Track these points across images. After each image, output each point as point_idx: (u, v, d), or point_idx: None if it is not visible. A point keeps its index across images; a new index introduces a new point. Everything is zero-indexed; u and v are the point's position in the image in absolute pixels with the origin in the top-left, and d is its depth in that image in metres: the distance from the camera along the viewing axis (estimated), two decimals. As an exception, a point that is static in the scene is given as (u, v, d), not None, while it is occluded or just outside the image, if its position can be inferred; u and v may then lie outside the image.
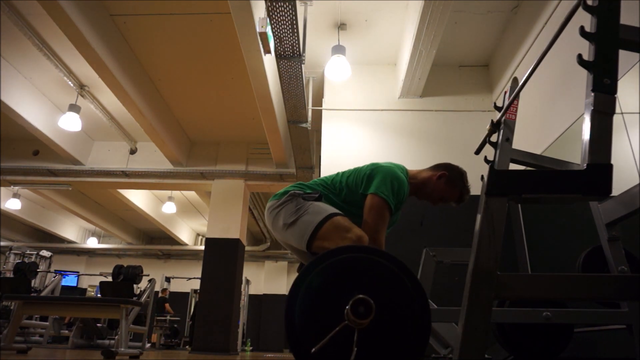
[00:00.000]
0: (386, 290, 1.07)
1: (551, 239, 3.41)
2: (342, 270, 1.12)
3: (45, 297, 5.42)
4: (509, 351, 2.14)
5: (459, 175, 1.84)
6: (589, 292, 1.08)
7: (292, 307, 1.09)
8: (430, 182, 1.82)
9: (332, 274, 1.12)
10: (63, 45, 4.76)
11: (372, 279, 1.10)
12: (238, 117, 6.32)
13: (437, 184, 1.81)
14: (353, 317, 1.00)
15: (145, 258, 12.73)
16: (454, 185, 1.82)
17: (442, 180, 1.81)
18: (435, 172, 1.84)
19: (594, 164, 1.05)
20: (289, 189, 1.72)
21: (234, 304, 6.17)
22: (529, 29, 3.96)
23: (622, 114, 2.55)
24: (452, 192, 1.82)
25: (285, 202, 1.67)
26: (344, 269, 1.12)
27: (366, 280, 1.09)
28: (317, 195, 1.66)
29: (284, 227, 1.64)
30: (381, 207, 1.61)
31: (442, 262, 2.24)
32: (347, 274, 1.11)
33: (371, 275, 1.10)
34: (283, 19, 3.31)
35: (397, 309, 1.07)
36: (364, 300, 1.01)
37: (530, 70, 1.55)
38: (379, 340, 1.04)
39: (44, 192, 8.27)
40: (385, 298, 1.06)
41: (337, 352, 1.03)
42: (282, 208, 1.67)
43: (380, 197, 1.61)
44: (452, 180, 1.82)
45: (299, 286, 1.11)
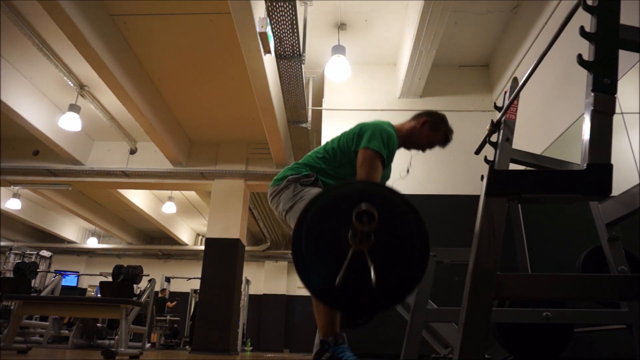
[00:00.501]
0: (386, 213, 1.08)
1: (551, 239, 3.42)
2: (346, 197, 1.15)
3: (45, 297, 5.42)
4: (509, 351, 2.14)
5: (440, 119, 1.95)
6: (589, 292, 1.08)
7: (299, 240, 1.11)
8: (415, 130, 1.92)
9: (334, 203, 1.15)
10: (63, 45, 4.76)
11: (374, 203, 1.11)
12: (238, 117, 6.32)
13: (422, 131, 1.92)
14: (357, 224, 1.00)
15: (145, 258, 12.73)
16: (438, 128, 1.93)
17: (426, 126, 1.92)
18: (418, 120, 1.94)
19: (594, 164, 1.05)
20: (287, 174, 1.79)
21: (234, 304, 6.17)
22: (529, 29, 3.96)
23: (622, 114, 2.55)
24: (437, 135, 1.93)
25: (283, 189, 1.76)
26: (348, 195, 1.14)
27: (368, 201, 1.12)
28: (312, 179, 1.74)
29: (283, 212, 1.75)
30: (372, 158, 1.68)
31: (442, 262, 2.24)
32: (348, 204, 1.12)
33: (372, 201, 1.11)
34: (283, 19, 3.31)
35: (397, 230, 1.09)
36: (366, 211, 1.01)
37: (530, 70, 1.55)
38: (381, 264, 1.06)
39: (44, 192, 8.27)
40: (386, 222, 1.07)
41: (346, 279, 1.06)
42: (282, 194, 1.76)
43: (371, 150, 1.68)
44: (435, 124, 1.93)
45: (306, 213, 1.14)
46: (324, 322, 1.47)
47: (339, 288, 1.05)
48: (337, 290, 1.06)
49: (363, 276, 1.04)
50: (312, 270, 1.09)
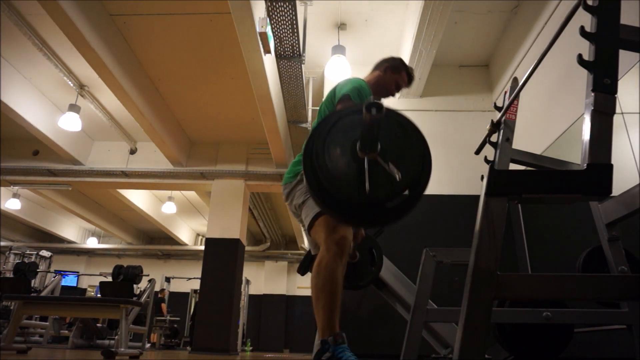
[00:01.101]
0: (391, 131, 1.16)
1: (551, 239, 3.42)
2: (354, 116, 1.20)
3: (45, 297, 5.42)
4: (509, 351, 2.14)
5: (398, 61, 2.07)
6: (589, 292, 1.08)
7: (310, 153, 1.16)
8: (380, 78, 2.04)
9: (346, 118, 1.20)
10: (63, 45, 4.76)
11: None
12: (238, 117, 6.32)
13: (386, 77, 2.04)
14: (366, 114, 1.04)
15: (145, 258, 12.73)
16: (399, 70, 2.05)
17: (389, 71, 2.04)
18: (379, 68, 2.06)
19: (594, 164, 1.05)
20: (297, 169, 1.82)
21: (234, 304, 6.17)
22: (529, 29, 3.96)
23: (622, 114, 2.55)
24: (401, 76, 2.05)
25: (298, 183, 1.80)
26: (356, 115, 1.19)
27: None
28: None
29: (298, 208, 1.77)
30: (347, 101, 1.73)
31: (442, 262, 2.24)
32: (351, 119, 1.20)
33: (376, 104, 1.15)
34: (283, 19, 3.31)
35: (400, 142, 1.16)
36: (374, 102, 1.06)
37: (530, 70, 1.55)
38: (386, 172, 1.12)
39: (44, 192, 8.27)
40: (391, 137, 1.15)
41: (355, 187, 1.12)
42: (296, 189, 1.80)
43: (343, 95, 1.74)
44: (396, 67, 2.05)
45: (318, 129, 1.19)
46: (323, 321, 1.46)
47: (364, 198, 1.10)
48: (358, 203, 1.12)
49: (377, 183, 1.11)
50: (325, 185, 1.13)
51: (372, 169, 1.11)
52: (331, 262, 1.51)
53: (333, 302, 1.47)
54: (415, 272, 2.24)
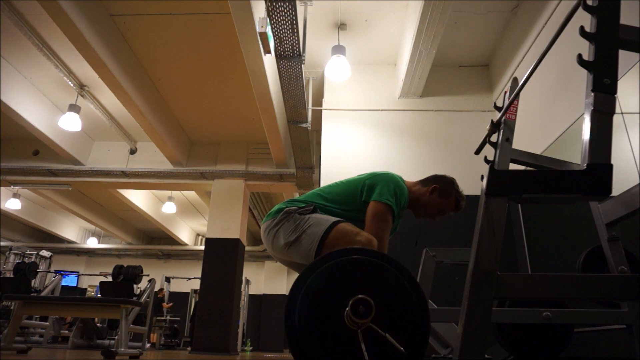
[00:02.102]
0: (386, 291, 1.07)
1: (551, 239, 3.42)
2: (342, 272, 1.11)
3: (45, 297, 5.42)
4: (509, 351, 2.14)
5: (450, 184, 1.85)
6: (589, 292, 1.08)
7: (292, 308, 1.08)
8: (424, 197, 1.82)
9: (331, 275, 1.11)
10: (63, 45, 4.76)
11: (371, 281, 1.09)
12: (238, 117, 6.32)
13: (431, 199, 1.82)
14: (353, 318, 0.99)
15: (145, 258, 12.73)
16: (449, 195, 1.83)
17: (436, 193, 1.82)
18: (427, 186, 1.85)
19: (594, 164, 1.05)
20: (282, 207, 1.69)
21: (234, 304, 6.17)
22: (529, 29, 3.96)
23: (622, 114, 2.55)
24: (448, 202, 1.84)
25: (281, 221, 1.64)
26: (344, 271, 1.12)
27: (366, 282, 1.09)
28: (311, 208, 1.64)
29: (285, 247, 1.60)
30: (385, 212, 1.61)
31: (442, 262, 2.24)
32: (347, 276, 1.11)
33: (370, 277, 1.10)
34: (283, 19, 3.31)
35: (397, 310, 1.06)
36: (363, 300, 1.01)
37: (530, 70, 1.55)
38: (379, 342, 1.03)
39: (44, 192, 8.27)
40: (385, 299, 1.06)
41: (338, 356, 1.03)
42: (280, 227, 1.63)
43: (383, 203, 1.61)
44: (445, 191, 1.83)
45: (299, 287, 1.11)
46: None
47: None
48: None
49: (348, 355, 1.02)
50: (301, 334, 1.05)
51: (361, 337, 1.02)
52: None
53: None
54: (415, 272, 2.24)
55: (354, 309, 0.99)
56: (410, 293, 1.08)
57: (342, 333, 1.03)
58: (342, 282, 1.10)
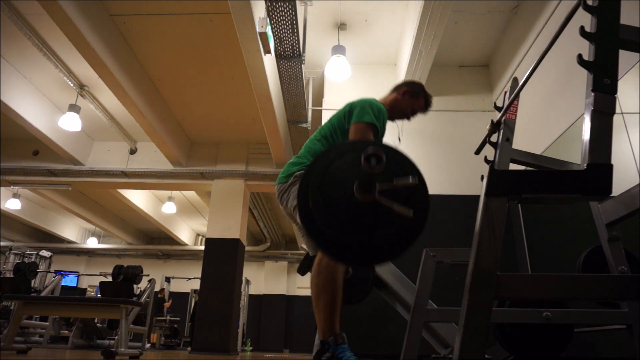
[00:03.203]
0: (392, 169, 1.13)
1: (551, 239, 3.42)
2: (352, 153, 1.18)
3: (45, 297, 5.42)
4: (509, 351, 2.14)
5: (418, 86, 2.07)
6: (589, 292, 1.08)
7: (306, 185, 1.14)
8: (397, 101, 2.04)
9: (342, 155, 1.18)
10: (63, 45, 4.76)
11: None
12: (238, 117, 6.32)
13: (404, 100, 2.03)
14: (365, 166, 1.02)
15: (145, 258, 12.73)
16: (418, 95, 2.04)
17: (407, 95, 2.04)
18: (398, 91, 2.06)
19: (594, 164, 1.05)
20: (292, 170, 1.80)
21: (234, 304, 6.17)
22: (529, 29, 3.96)
23: (622, 114, 2.55)
24: (418, 102, 2.05)
25: (291, 185, 1.76)
26: (354, 153, 1.17)
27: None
28: None
29: (291, 208, 1.75)
30: (364, 129, 1.73)
31: (442, 262, 2.24)
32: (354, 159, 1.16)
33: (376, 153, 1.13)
34: (283, 19, 3.31)
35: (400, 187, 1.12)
36: (375, 154, 1.03)
37: (530, 70, 1.55)
38: (384, 215, 1.10)
39: (44, 192, 8.27)
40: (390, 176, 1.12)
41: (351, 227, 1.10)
42: (290, 191, 1.76)
43: (362, 122, 1.73)
44: (415, 92, 2.04)
45: (312, 168, 1.18)
46: (324, 322, 1.46)
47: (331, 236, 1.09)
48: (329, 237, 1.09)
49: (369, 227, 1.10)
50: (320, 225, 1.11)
51: (371, 211, 1.09)
52: (332, 262, 1.51)
53: (334, 302, 1.47)
54: (415, 272, 2.24)
55: (366, 160, 1.02)
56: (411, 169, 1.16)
57: (353, 206, 1.11)
58: (352, 161, 1.15)
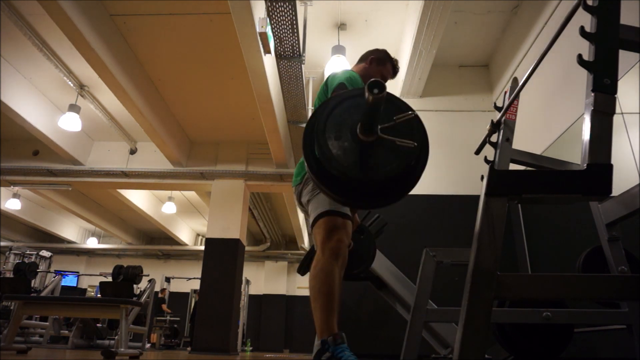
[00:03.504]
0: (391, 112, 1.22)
1: (551, 239, 3.42)
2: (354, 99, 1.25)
3: (45, 297, 5.42)
4: (509, 351, 2.14)
5: (383, 53, 2.15)
6: (589, 292, 1.08)
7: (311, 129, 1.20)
8: (366, 70, 2.09)
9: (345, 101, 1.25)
10: (63, 45, 4.76)
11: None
12: (238, 117, 6.32)
13: (371, 68, 2.09)
14: (369, 94, 1.05)
15: (145, 258, 12.73)
16: (384, 62, 2.12)
17: (374, 63, 2.10)
18: (365, 61, 2.13)
19: (594, 164, 1.05)
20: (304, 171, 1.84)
21: (234, 304, 6.17)
22: (529, 29, 3.96)
23: (622, 114, 2.55)
24: (386, 68, 2.11)
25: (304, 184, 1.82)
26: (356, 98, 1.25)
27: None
28: None
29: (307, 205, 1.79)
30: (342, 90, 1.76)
31: (442, 262, 2.24)
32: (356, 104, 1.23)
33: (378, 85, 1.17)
34: (283, 19, 3.31)
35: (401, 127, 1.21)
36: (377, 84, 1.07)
37: (530, 70, 1.55)
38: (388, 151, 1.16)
39: (44, 192, 8.27)
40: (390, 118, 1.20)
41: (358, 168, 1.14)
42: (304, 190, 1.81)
43: (339, 86, 1.76)
44: (380, 59, 2.12)
45: (317, 113, 1.22)
46: (321, 322, 1.46)
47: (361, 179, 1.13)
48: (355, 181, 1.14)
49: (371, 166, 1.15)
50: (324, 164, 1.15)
51: (374, 150, 1.15)
52: (327, 264, 1.51)
53: (330, 303, 1.47)
54: (415, 272, 2.24)
55: (370, 88, 1.05)
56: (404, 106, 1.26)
57: (358, 146, 1.16)
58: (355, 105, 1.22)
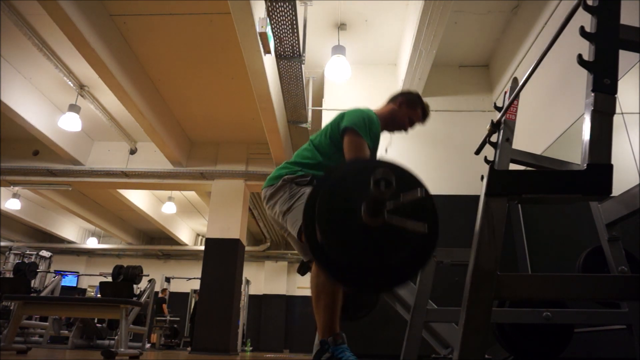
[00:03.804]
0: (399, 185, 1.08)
1: (551, 239, 3.42)
2: (356, 176, 1.16)
3: (45, 297, 5.42)
4: (509, 351, 2.14)
5: (415, 96, 2.03)
6: (589, 292, 1.08)
7: (312, 208, 1.11)
8: (394, 112, 2.01)
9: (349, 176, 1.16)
10: (63, 45, 4.76)
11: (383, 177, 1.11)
12: (238, 117, 6.32)
13: (401, 111, 2.00)
14: (375, 190, 0.99)
15: (145, 258, 12.73)
16: (415, 106, 2.00)
17: (404, 106, 2.00)
18: (394, 102, 2.03)
19: (594, 164, 1.05)
20: (281, 173, 1.76)
21: (234, 304, 6.17)
22: (529, 29, 3.96)
23: (622, 114, 2.55)
24: (416, 112, 2.01)
25: (279, 189, 1.72)
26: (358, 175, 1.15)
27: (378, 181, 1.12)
28: (308, 179, 1.71)
29: (280, 214, 1.70)
30: (356, 137, 1.71)
31: (442, 262, 2.24)
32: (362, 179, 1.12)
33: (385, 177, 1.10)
34: (283, 19, 3.31)
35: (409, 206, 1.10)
36: (384, 176, 1.01)
37: (530, 70, 1.55)
38: (394, 237, 1.07)
39: (44, 192, 8.27)
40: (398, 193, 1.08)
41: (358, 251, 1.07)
42: (278, 195, 1.72)
43: (352, 130, 1.72)
44: (412, 102, 2.00)
45: (317, 190, 1.14)
46: (324, 322, 1.46)
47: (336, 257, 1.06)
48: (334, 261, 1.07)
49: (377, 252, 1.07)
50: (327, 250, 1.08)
51: (380, 234, 1.07)
52: None
53: (334, 303, 1.47)
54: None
55: (375, 184, 1.00)
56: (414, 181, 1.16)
57: (359, 229, 1.07)
58: (359, 181, 1.12)
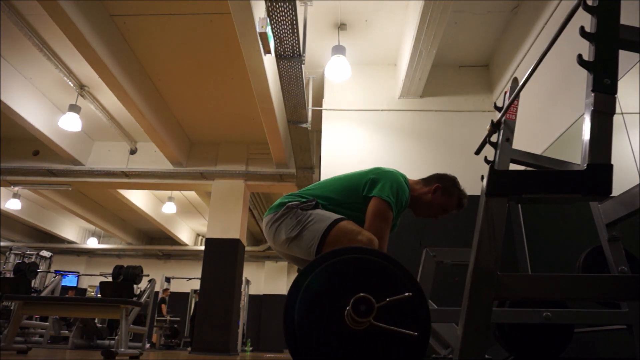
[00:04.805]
0: (386, 291, 1.06)
1: (551, 239, 3.41)
2: (342, 271, 1.11)
3: (45, 297, 5.42)
4: (509, 351, 2.14)
5: (451, 183, 1.85)
6: (589, 292, 1.08)
7: (291, 308, 1.07)
8: (426, 196, 1.82)
9: (332, 274, 1.11)
10: (63, 45, 4.76)
11: (372, 280, 1.08)
12: (238, 117, 6.32)
13: (434, 198, 1.82)
14: (354, 317, 0.99)
15: (145, 258, 12.73)
16: (451, 193, 1.83)
17: (438, 192, 1.82)
18: (429, 186, 1.83)
19: (594, 164, 1.05)
20: (284, 201, 1.69)
21: (234, 304, 6.17)
22: (529, 29, 3.96)
23: (622, 114, 2.55)
24: (451, 200, 1.84)
25: (283, 216, 1.64)
26: (345, 270, 1.11)
27: (366, 281, 1.08)
28: (313, 203, 1.64)
29: (286, 242, 1.61)
30: (385, 210, 1.59)
31: (442, 262, 2.24)
32: (348, 275, 1.10)
33: (371, 276, 1.09)
34: (283, 19, 3.31)
35: (397, 310, 1.05)
36: (365, 298, 0.99)
37: (530, 70, 1.55)
38: (379, 343, 1.03)
39: (44, 192, 8.27)
40: (385, 299, 1.04)
41: (339, 356, 1.02)
42: (282, 222, 1.63)
43: (384, 201, 1.60)
44: (448, 189, 1.83)
45: (298, 286, 1.11)
46: None
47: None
48: None
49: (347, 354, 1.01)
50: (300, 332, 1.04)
51: (365, 339, 1.02)
52: None
53: None
54: (415, 272, 2.24)
55: (355, 308, 0.98)
56: (410, 292, 1.07)
57: (342, 333, 1.02)
58: (342, 281, 1.09)
